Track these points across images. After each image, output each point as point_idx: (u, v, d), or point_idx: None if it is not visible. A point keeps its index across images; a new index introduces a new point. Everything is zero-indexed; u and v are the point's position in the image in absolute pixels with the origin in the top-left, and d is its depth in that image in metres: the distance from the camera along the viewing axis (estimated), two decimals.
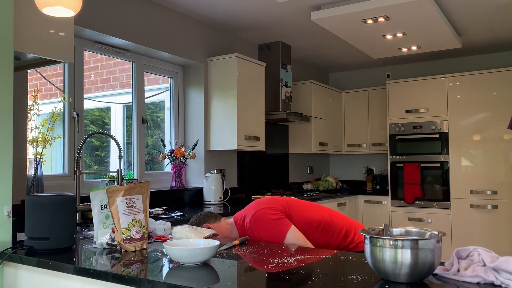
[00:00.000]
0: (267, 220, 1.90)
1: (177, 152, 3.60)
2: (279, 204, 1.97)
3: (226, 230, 2.01)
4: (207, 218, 2.02)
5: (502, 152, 4.36)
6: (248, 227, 1.94)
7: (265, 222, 1.90)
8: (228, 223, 2.04)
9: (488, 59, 5.01)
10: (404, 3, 3.12)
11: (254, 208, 1.97)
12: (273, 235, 1.87)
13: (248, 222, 1.94)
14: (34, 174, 2.50)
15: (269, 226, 1.88)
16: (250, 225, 1.93)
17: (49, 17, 1.96)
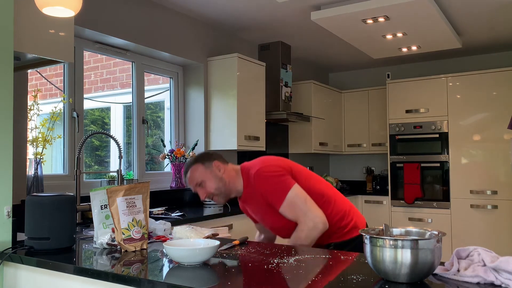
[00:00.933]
0: (271, 175, 1.90)
1: (177, 152, 3.60)
2: (286, 164, 1.97)
3: (232, 174, 2.00)
4: (217, 157, 2.02)
5: (502, 152, 4.36)
6: (252, 179, 1.93)
7: (268, 177, 1.90)
8: (234, 169, 2.02)
9: (488, 59, 5.01)
10: (404, 3, 3.12)
11: (260, 162, 1.97)
12: (276, 190, 1.87)
13: (253, 174, 1.93)
14: (34, 174, 2.50)
15: (272, 181, 1.89)
16: (254, 177, 1.92)
17: (49, 17, 1.96)
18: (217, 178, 1.97)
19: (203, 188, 1.97)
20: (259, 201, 1.94)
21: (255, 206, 1.99)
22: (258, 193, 1.92)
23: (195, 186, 1.98)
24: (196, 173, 1.98)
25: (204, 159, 2.01)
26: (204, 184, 1.97)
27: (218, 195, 1.98)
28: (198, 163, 2.00)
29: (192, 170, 1.99)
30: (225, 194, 1.99)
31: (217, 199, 1.99)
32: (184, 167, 2.04)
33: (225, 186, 1.97)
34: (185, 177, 2.02)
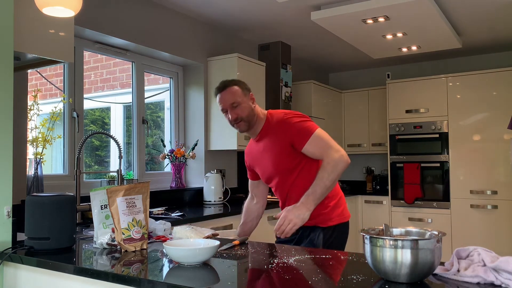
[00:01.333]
0: (297, 118, 2.00)
1: (177, 152, 3.60)
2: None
3: (259, 111, 2.07)
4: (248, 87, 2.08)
5: (502, 152, 4.36)
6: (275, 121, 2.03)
7: (295, 119, 1.99)
8: (262, 111, 2.10)
9: (488, 59, 5.01)
10: (404, 3, 3.12)
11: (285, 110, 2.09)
12: (302, 128, 1.95)
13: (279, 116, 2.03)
14: (34, 174, 2.50)
15: (298, 122, 1.98)
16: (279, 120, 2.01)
17: (49, 17, 1.96)
18: (250, 107, 2.03)
19: (236, 110, 2.00)
20: (275, 144, 2.00)
21: (268, 150, 2.03)
22: (279, 134, 1.99)
23: (230, 105, 2.00)
24: (235, 93, 2.01)
25: (243, 85, 2.07)
26: (239, 106, 2.00)
27: (246, 122, 2.02)
28: (237, 86, 2.04)
29: (232, 89, 2.02)
30: (250, 125, 2.04)
31: (243, 125, 2.03)
32: (220, 83, 2.05)
33: (253, 117, 2.04)
34: (220, 92, 2.03)
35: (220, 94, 2.04)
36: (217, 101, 2.08)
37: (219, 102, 2.06)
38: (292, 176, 2.02)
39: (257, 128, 2.08)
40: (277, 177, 2.06)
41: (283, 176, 2.04)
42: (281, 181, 2.05)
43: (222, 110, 2.06)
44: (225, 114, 2.06)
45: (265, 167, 2.08)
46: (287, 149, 1.98)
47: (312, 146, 1.94)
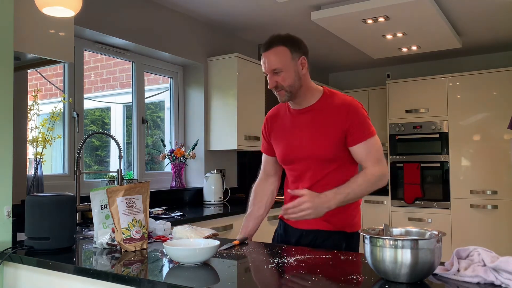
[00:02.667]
0: (364, 112, 1.80)
1: (177, 152, 3.60)
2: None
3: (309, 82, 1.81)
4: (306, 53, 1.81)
5: (502, 152, 4.36)
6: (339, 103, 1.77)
7: (363, 112, 1.78)
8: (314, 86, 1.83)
9: (488, 59, 5.01)
10: (404, 3, 3.12)
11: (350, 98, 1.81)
12: (364, 126, 1.75)
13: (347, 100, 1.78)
14: (34, 174, 2.50)
15: (364, 117, 1.77)
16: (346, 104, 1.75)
17: (49, 17, 1.96)
18: (297, 75, 1.75)
19: (278, 76, 1.73)
20: (328, 124, 1.75)
21: (313, 127, 1.77)
22: (338, 117, 1.74)
23: (270, 69, 1.74)
24: (280, 57, 1.73)
25: (295, 46, 1.77)
26: (281, 73, 1.73)
27: (287, 91, 1.75)
28: (286, 47, 1.74)
29: (277, 50, 1.73)
30: (292, 94, 1.77)
31: (283, 94, 1.76)
32: (268, 39, 1.76)
33: (299, 87, 1.76)
34: (263, 51, 1.76)
35: (263, 54, 1.76)
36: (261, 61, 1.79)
37: (262, 63, 1.78)
38: (326, 168, 1.76)
39: (305, 99, 1.80)
40: (307, 162, 1.78)
41: (317, 164, 1.77)
42: (311, 168, 1.78)
43: (264, 73, 1.79)
44: (267, 77, 1.78)
45: (299, 145, 1.80)
46: (338, 136, 1.74)
47: (365, 148, 1.74)
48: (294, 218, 1.66)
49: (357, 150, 1.75)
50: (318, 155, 1.76)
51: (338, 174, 1.76)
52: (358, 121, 1.75)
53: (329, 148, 1.75)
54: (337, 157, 1.76)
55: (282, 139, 1.87)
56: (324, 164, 1.76)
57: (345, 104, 1.76)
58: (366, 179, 1.72)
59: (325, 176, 1.77)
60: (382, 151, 1.81)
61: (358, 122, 1.74)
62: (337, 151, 1.75)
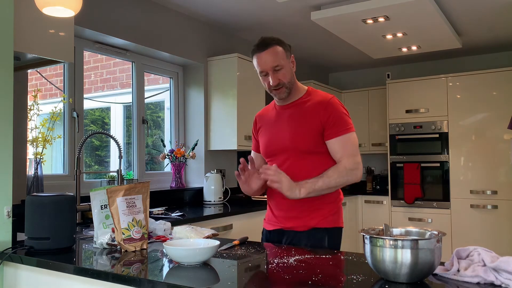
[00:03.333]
0: (343, 109, 1.85)
1: (177, 152, 3.60)
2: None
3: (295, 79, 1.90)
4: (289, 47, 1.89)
5: (502, 152, 4.36)
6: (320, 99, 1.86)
7: (341, 108, 1.84)
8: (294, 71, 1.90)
9: (488, 59, 5.01)
10: (404, 3, 3.12)
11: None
12: (341, 121, 1.81)
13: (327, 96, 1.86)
14: (34, 174, 2.50)
15: (342, 114, 1.83)
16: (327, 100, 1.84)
17: (49, 17, 1.96)
18: (292, 72, 1.88)
19: (279, 74, 1.82)
20: (307, 119, 1.83)
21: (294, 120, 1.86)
22: (316, 112, 1.82)
23: (271, 67, 1.81)
24: (278, 55, 1.82)
25: (286, 46, 1.87)
26: (281, 70, 1.82)
27: (287, 88, 1.85)
28: (280, 46, 1.85)
29: (275, 49, 1.83)
30: (290, 90, 1.87)
31: (284, 91, 1.85)
32: (260, 41, 1.85)
33: (294, 84, 1.89)
34: (260, 52, 1.83)
35: (259, 54, 1.82)
36: (254, 61, 1.85)
37: (257, 63, 1.84)
38: (305, 160, 1.83)
39: (292, 96, 1.90)
40: (287, 154, 1.86)
41: (295, 155, 1.84)
42: (290, 159, 1.85)
43: (260, 73, 1.85)
44: (263, 77, 1.86)
45: (280, 137, 1.88)
46: (316, 130, 1.81)
47: (339, 144, 1.80)
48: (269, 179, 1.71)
49: (332, 144, 1.81)
50: (297, 147, 1.84)
51: (316, 168, 1.81)
52: (335, 116, 1.81)
53: (308, 140, 1.82)
54: (315, 151, 1.83)
55: (266, 133, 1.97)
56: (303, 157, 1.83)
57: (325, 100, 1.85)
58: (337, 171, 1.78)
59: (302, 168, 1.82)
60: (358, 147, 1.85)
61: (335, 117, 1.81)
62: (315, 144, 1.82)
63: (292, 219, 1.87)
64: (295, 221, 1.86)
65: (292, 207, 1.86)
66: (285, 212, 1.89)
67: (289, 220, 1.88)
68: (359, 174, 1.81)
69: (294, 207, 1.85)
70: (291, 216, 1.87)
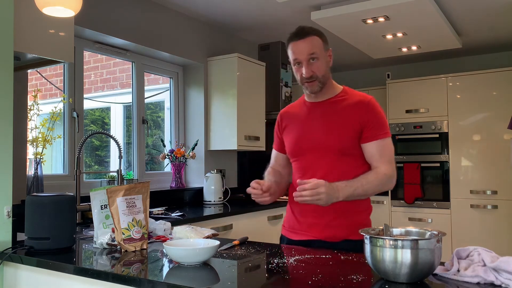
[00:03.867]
0: (382, 112, 1.75)
1: (177, 152, 3.60)
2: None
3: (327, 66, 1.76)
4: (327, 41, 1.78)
5: (502, 152, 4.35)
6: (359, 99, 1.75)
7: (381, 111, 1.75)
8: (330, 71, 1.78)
9: (488, 59, 5.01)
10: (404, 3, 3.12)
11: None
12: (380, 125, 1.71)
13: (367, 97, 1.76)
14: (34, 174, 2.50)
15: (382, 117, 1.73)
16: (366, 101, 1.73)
17: (49, 17, 1.96)
18: (327, 66, 1.77)
19: (313, 66, 1.72)
20: (345, 118, 1.72)
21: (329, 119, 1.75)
22: (355, 113, 1.72)
23: (307, 57, 1.71)
24: (316, 45, 1.73)
25: (324, 37, 1.78)
26: (316, 62, 1.72)
27: (320, 82, 1.74)
28: (319, 37, 1.75)
29: (313, 39, 1.73)
30: (323, 85, 1.76)
31: (316, 85, 1.74)
32: (298, 29, 1.74)
33: (328, 78, 1.77)
34: (297, 39, 1.72)
35: (296, 42, 1.72)
36: (289, 50, 1.75)
37: (292, 51, 1.73)
38: (337, 161, 1.70)
39: (326, 92, 1.78)
40: (318, 153, 1.73)
41: (327, 155, 1.72)
42: (321, 159, 1.72)
43: (294, 61, 1.74)
44: (296, 67, 1.74)
45: (311, 135, 1.76)
46: (353, 130, 1.70)
47: (377, 148, 1.69)
48: (305, 201, 1.56)
49: (370, 147, 1.70)
50: (331, 146, 1.71)
51: (349, 171, 1.70)
52: (377, 118, 1.71)
53: (343, 140, 1.71)
54: (349, 152, 1.72)
55: (294, 131, 1.83)
56: (335, 157, 1.71)
57: (365, 100, 1.74)
58: (377, 177, 1.67)
59: (333, 170, 1.70)
60: (393, 153, 1.77)
61: (376, 120, 1.71)
62: (351, 144, 1.71)
63: (320, 228, 1.72)
64: (324, 231, 1.71)
65: (320, 214, 1.71)
66: (312, 219, 1.74)
67: (316, 229, 1.73)
68: (395, 182, 1.71)
69: (322, 214, 1.71)
70: (319, 224, 1.72)
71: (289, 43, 1.76)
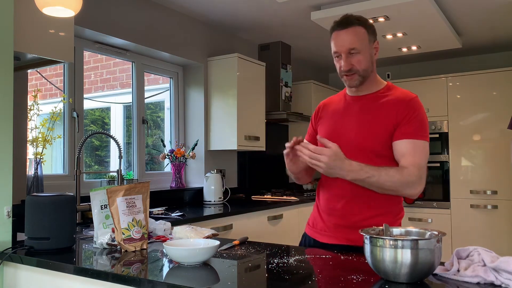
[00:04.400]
0: (425, 113, 1.62)
1: (177, 152, 3.60)
2: None
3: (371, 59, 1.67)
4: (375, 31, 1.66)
5: (502, 152, 4.36)
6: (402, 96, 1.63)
7: (424, 112, 1.61)
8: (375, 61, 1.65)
9: (488, 59, 5.01)
10: (404, 3, 3.12)
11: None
12: (421, 125, 1.58)
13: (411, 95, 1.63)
14: (34, 174, 2.50)
15: (424, 117, 1.60)
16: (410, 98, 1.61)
17: (49, 17, 1.96)
18: (371, 59, 1.67)
19: (353, 58, 1.62)
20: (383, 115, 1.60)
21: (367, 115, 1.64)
22: (395, 109, 1.59)
23: (347, 50, 1.61)
24: (358, 37, 1.62)
25: (371, 29, 1.66)
26: (357, 55, 1.61)
27: (360, 75, 1.63)
28: (364, 28, 1.64)
29: (356, 30, 1.62)
30: (364, 79, 1.65)
31: (356, 79, 1.63)
32: (343, 18, 1.65)
33: (371, 72, 1.67)
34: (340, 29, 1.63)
35: (338, 32, 1.63)
36: (331, 39, 1.65)
37: (333, 42, 1.64)
38: (367, 161, 1.54)
39: (369, 87, 1.68)
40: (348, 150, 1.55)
41: (357, 154, 1.57)
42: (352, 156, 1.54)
43: (334, 53, 1.65)
44: (336, 59, 1.65)
45: (345, 130, 1.66)
46: (389, 129, 1.58)
47: (410, 148, 1.55)
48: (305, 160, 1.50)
49: (401, 145, 1.56)
50: (362, 145, 1.61)
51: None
52: (415, 116, 1.58)
53: (377, 139, 1.59)
54: (381, 153, 1.60)
55: (328, 124, 1.74)
56: (365, 157, 1.57)
57: (407, 97, 1.62)
58: (399, 174, 1.53)
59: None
60: (427, 157, 1.62)
61: (415, 118, 1.58)
62: (383, 145, 1.59)
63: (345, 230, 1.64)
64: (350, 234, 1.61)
65: (346, 214, 1.63)
66: (337, 220, 1.66)
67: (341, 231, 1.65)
68: (417, 191, 1.57)
69: (348, 214, 1.63)
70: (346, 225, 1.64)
71: (331, 32, 1.66)
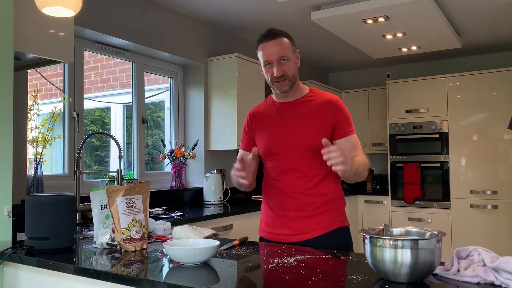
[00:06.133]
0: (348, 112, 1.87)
1: (177, 152, 3.60)
2: None
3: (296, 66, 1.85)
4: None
5: (502, 152, 4.36)
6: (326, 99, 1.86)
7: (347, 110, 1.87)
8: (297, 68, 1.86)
9: (488, 59, 5.01)
10: (404, 3, 3.12)
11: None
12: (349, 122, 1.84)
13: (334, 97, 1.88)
14: (34, 174, 2.50)
15: (349, 115, 1.86)
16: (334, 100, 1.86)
17: (49, 17, 1.96)
18: (296, 67, 1.85)
19: (284, 65, 1.80)
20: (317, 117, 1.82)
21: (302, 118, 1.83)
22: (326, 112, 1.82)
23: (277, 58, 1.79)
24: (285, 46, 1.80)
25: (292, 40, 1.86)
26: (286, 62, 1.80)
27: (290, 81, 1.82)
28: (288, 39, 1.84)
29: (282, 41, 1.81)
30: (293, 85, 1.85)
31: (287, 84, 1.82)
32: (267, 31, 1.85)
33: (296, 78, 1.87)
34: (267, 40, 1.82)
35: (267, 43, 1.82)
36: (259, 52, 1.85)
37: (263, 52, 1.83)
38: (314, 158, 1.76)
39: (295, 93, 1.88)
40: (296, 152, 1.81)
41: (305, 153, 1.80)
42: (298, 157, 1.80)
43: (265, 62, 1.83)
44: (267, 68, 1.83)
45: (286, 135, 1.83)
46: (327, 128, 1.80)
47: (351, 142, 1.81)
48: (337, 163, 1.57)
49: (344, 143, 1.80)
50: (307, 145, 1.79)
51: (322, 167, 1.75)
52: (345, 117, 1.84)
53: (317, 137, 1.73)
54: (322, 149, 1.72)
55: (266, 132, 1.90)
56: (312, 155, 1.77)
57: (334, 100, 1.87)
58: (364, 162, 1.79)
59: (312, 166, 1.79)
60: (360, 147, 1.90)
61: (345, 118, 1.84)
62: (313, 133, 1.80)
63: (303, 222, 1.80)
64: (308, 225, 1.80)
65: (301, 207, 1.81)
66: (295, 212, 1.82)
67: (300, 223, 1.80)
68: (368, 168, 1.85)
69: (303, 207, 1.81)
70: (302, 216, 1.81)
71: (259, 44, 1.87)
